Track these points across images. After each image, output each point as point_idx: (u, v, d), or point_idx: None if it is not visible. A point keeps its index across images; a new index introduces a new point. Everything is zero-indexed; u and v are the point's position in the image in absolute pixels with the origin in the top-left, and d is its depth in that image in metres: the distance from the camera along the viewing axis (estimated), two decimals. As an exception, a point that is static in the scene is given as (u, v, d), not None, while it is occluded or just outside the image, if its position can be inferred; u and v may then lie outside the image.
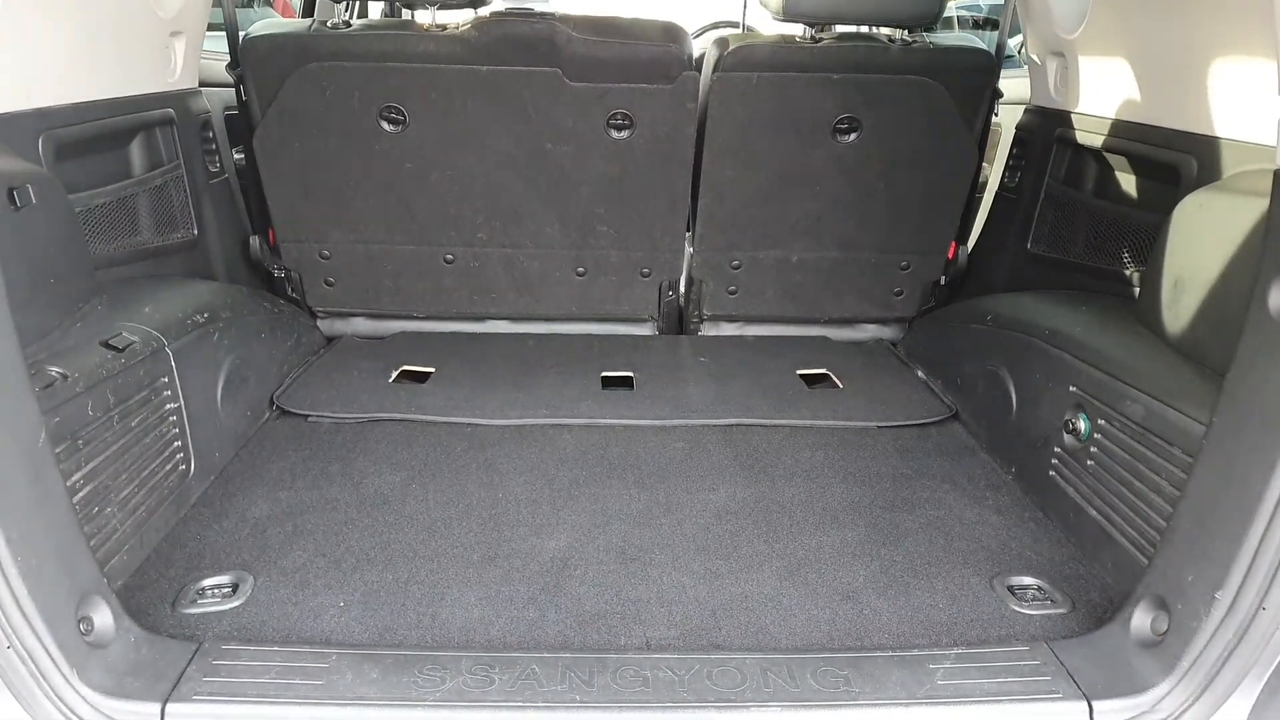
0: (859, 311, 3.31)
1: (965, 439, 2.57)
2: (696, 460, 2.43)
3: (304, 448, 2.45)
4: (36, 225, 1.84)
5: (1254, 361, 1.47)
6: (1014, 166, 3.01)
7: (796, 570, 1.95)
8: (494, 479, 2.30)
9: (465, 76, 2.79)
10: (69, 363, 1.79)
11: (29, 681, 1.41)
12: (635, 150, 2.92)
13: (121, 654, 1.55)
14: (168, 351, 2.12)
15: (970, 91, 2.86)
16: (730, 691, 1.55)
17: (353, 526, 2.08)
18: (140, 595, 1.82)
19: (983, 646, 1.71)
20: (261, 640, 1.70)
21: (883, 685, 1.57)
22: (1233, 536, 1.45)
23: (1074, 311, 2.35)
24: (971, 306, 2.88)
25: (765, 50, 2.83)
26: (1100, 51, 2.47)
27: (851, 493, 2.27)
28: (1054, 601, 1.86)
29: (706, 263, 3.20)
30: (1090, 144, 2.54)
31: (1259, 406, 1.44)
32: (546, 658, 1.61)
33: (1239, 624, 1.44)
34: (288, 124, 2.85)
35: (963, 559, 1.99)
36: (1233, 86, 1.96)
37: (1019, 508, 2.21)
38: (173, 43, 2.62)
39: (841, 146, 2.95)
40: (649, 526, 2.11)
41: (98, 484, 1.81)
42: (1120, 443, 1.94)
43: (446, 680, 1.55)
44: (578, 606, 1.82)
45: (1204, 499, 1.54)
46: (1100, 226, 2.54)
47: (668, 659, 1.63)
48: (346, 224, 3.06)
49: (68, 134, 2.12)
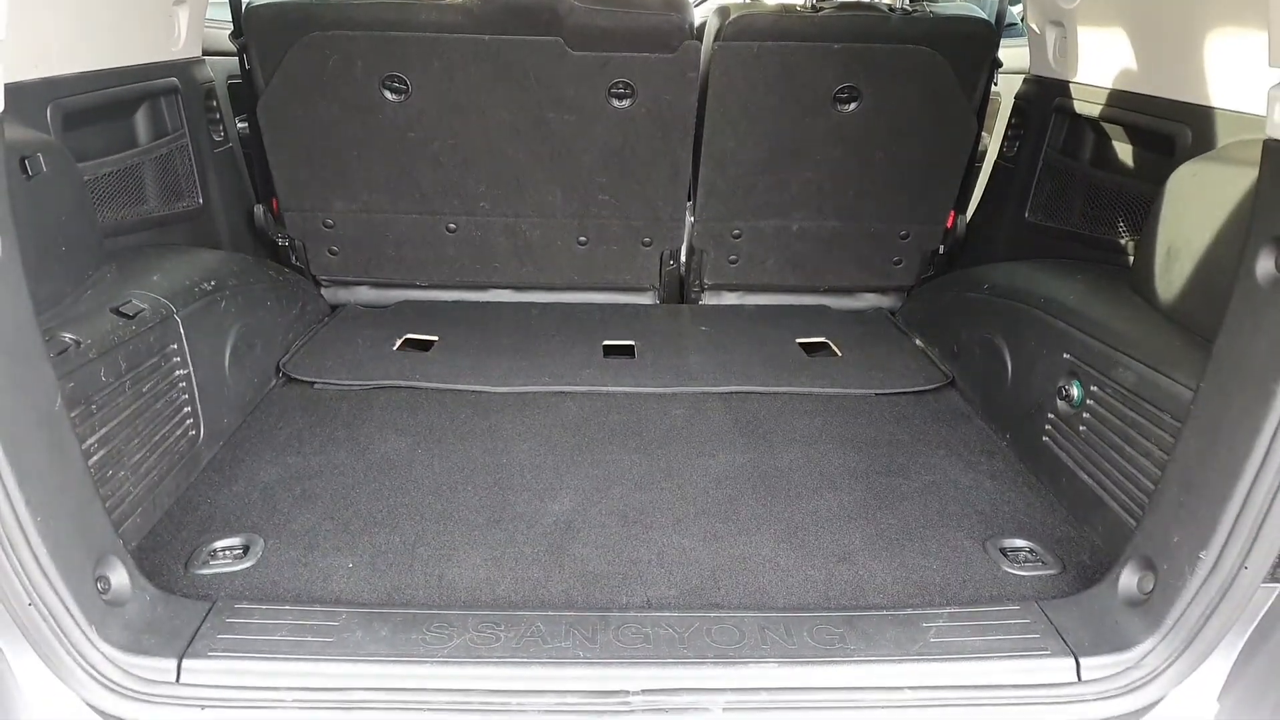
0: (858, 280, 3.34)
1: (961, 406, 2.61)
2: (697, 427, 2.47)
3: (310, 414, 2.49)
4: (47, 194, 1.87)
5: (1240, 328, 1.51)
6: (1013, 136, 3.03)
7: (794, 533, 2.00)
8: (498, 444, 2.34)
9: (467, 46, 2.80)
10: (81, 329, 1.83)
11: (50, 638, 1.45)
12: (636, 119, 2.94)
13: (138, 612, 1.60)
14: (177, 319, 2.16)
15: (970, 61, 2.88)
16: (729, 648, 1.60)
17: (360, 490, 2.13)
18: (154, 556, 1.87)
19: (975, 606, 1.76)
20: (273, 600, 1.75)
21: (876, 642, 1.62)
22: (1217, 498, 1.49)
23: (1069, 280, 2.39)
24: (969, 275, 2.92)
25: (766, 20, 2.84)
26: (1098, 22, 2.48)
27: (848, 458, 2.31)
28: (1045, 563, 1.91)
29: (707, 232, 3.22)
30: (1088, 114, 2.56)
31: (1244, 372, 1.48)
32: (551, 615, 1.66)
33: (1221, 583, 1.49)
34: (291, 93, 2.86)
35: (956, 522, 2.04)
36: (1227, 57, 1.98)
37: (1013, 472, 2.25)
38: (176, 11, 2.63)
39: (842, 116, 2.96)
40: (650, 490, 2.15)
41: (111, 448, 1.85)
42: (1112, 409, 1.98)
43: (454, 637, 1.60)
44: (581, 567, 1.87)
45: (1190, 462, 1.58)
46: (1097, 196, 2.56)
47: (668, 616, 1.68)
48: (350, 193, 3.09)
49: (75, 103, 2.14)
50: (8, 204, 1.41)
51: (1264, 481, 1.43)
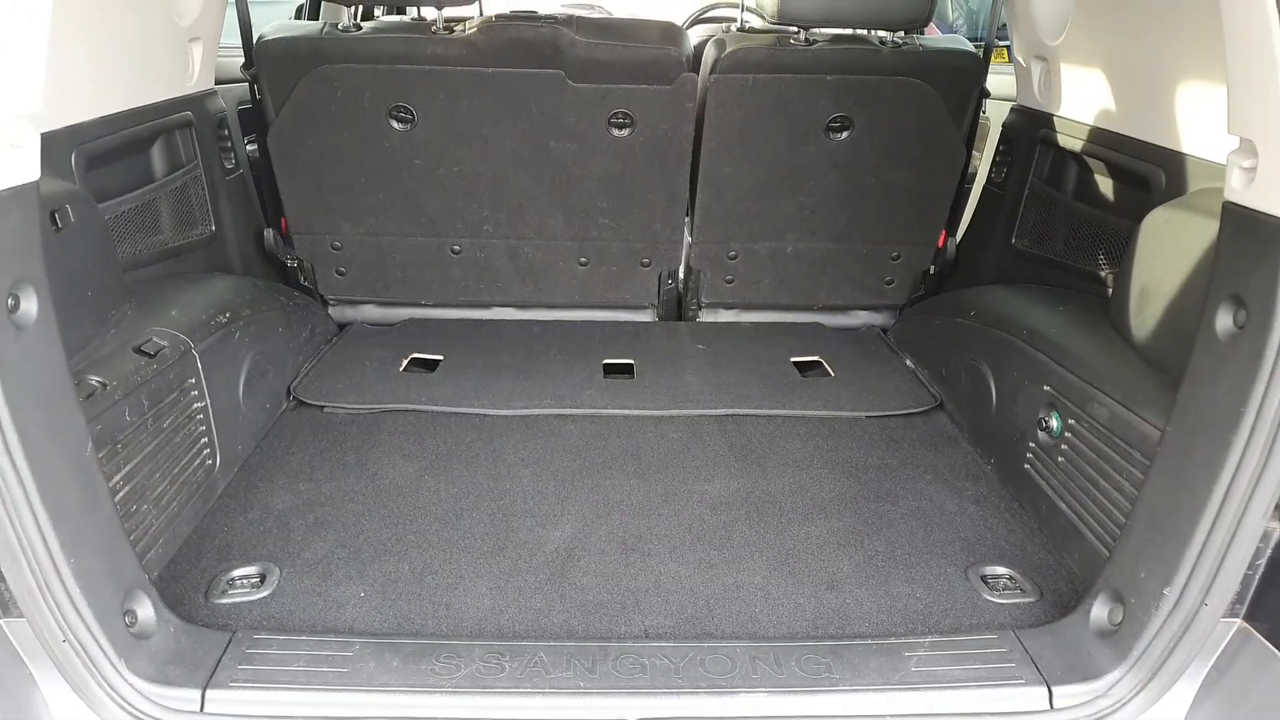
0: (852, 299, 3.42)
1: (949, 429, 2.70)
2: (693, 451, 2.56)
3: (321, 439, 2.58)
4: (74, 242, 1.96)
5: (1202, 379, 1.60)
6: (1000, 163, 3.11)
7: (785, 560, 2.09)
8: (502, 470, 2.43)
9: (471, 78, 2.89)
10: (107, 371, 1.92)
11: (83, 672, 1.54)
12: (635, 148, 3.02)
13: (163, 644, 1.68)
14: (194, 354, 2.25)
15: (958, 92, 2.96)
16: (721, 678, 1.69)
17: (370, 517, 2.22)
18: (175, 586, 1.96)
19: (955, 634, 1.84)
20: (289, 629, 1.85)
21: (861, 672, 1.71)
22: (1181, 537, 1.58)
23: (1051, 311, 2.47)
24: (957, 300, 3.00)
25: (761, 53, 2.92)
26: (1080, 60, 2.56)
27: (839, 483, 2.40)
28: (1024, 591, 2.00)
29: (704, 253, 3.31)
30: (1070, 147, 2.64)
31: (1205, 421, 1.57)
32: (553, 646, 1.75)
33: (1184, 618, 1.58)
34: (301, 122, 2.95)
35: (940, 549, 2.13)
36: (1198, 106, 2.06)
37: (996, 499, 2.34)
38: (191, 48, 2.71)
39: (834, 144, 3.05)
40: (648, 517, 2.24)
41: (134, 484, 1.94)
42: (1088, 442, 2.07)
43: (461, 668, 1.68)
44: (581, 596, 1.96)
45: (1157, 501, 1.67)
46: (1078, 227, 2.65)
47: (664, 647, 1.77)
48: (357, 217, 3.17)
49: (96, 146, 2.22)
50: (43, 266, 1.51)
51: (1222, 524, 1.53)
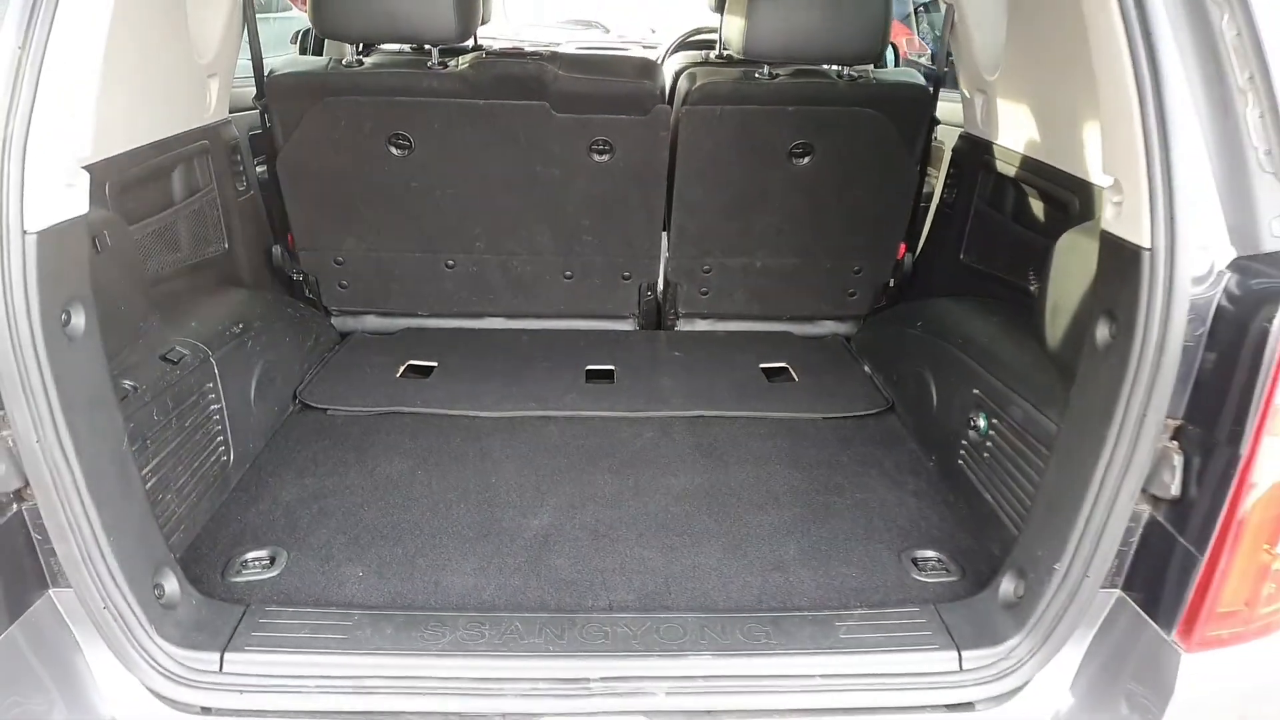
0: (817, 310, 3.68)
1: (898, 429, 2.95)
2: (663, 449, 2.81)
3: (324, 438, 2.83)
4: (111, 264, 2.22)
5: (1086, 382, 1.85)
6: (950, 185, 3.37)
7: (738, 545, 2.33)
8: (488, 466, 2.68)
9: (464, 109, 3.15)
10: (138, 376, 2.18)
11: (120, 635, 1.77)
12: (615, 172, 3.28)
13: (186, 614, 1.91)
14: (212, 361, 2.50)
15: (910, 121, 3.22)
16: (673, 643, 1.91)
17: (368, 507, 2.47)
18: (195, 567, 2.20)
19: (882, 608, 2.09)
20: (296, 603, 2.09)
21: (796, 638, 1.94)
22: (1068, 519, 1.81)
23: (985, 322, 2.72)
24: (909, 311, 3.26)
25: (728, 86, 3.19)
26: (1012, 95, 2.82)
27: (793, 477, 2.65)
28: (948, 571, 2.25)
29: (680, 267, 3.56)
30: (1007, 173, 2.89)
31: (1088, 418, 1.81)
32: (527, 617, 1.99)
33: (1070, 589, 1.81)
34: (307, 149, 3.21)
35: (878, 535, 2.38)
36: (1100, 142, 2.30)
37: (934, 491, 2.59)
38: (209, 83, 2.97)
39: (797, 169, 3.31)
40: (618, 508, 2.49)
41: (160, 475, 2.19)
42: (1007, 439, 2.31)
43: (446, 635, 1.91)
44: (555, 575, 2.20)
45: (1052, 489, 1.91)
46: (1015, 246, 2.89)
47: (625, 618, 2.00)
48: (358, 234, 3.43)
49: (127, 176, 2.47)
50: (89, 284, 1.77)
51: (1100, 506, 1.76)
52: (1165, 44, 1.60)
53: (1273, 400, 1.55)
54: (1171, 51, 1.61)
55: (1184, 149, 1.61)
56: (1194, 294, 1.64)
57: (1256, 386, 1.58)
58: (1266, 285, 1.60)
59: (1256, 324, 1.59)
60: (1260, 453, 1.58)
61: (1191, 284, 1.63)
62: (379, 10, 2.94)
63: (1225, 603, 1.66)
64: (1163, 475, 1.72)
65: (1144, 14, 1.61)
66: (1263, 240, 1.64)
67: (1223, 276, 1.65)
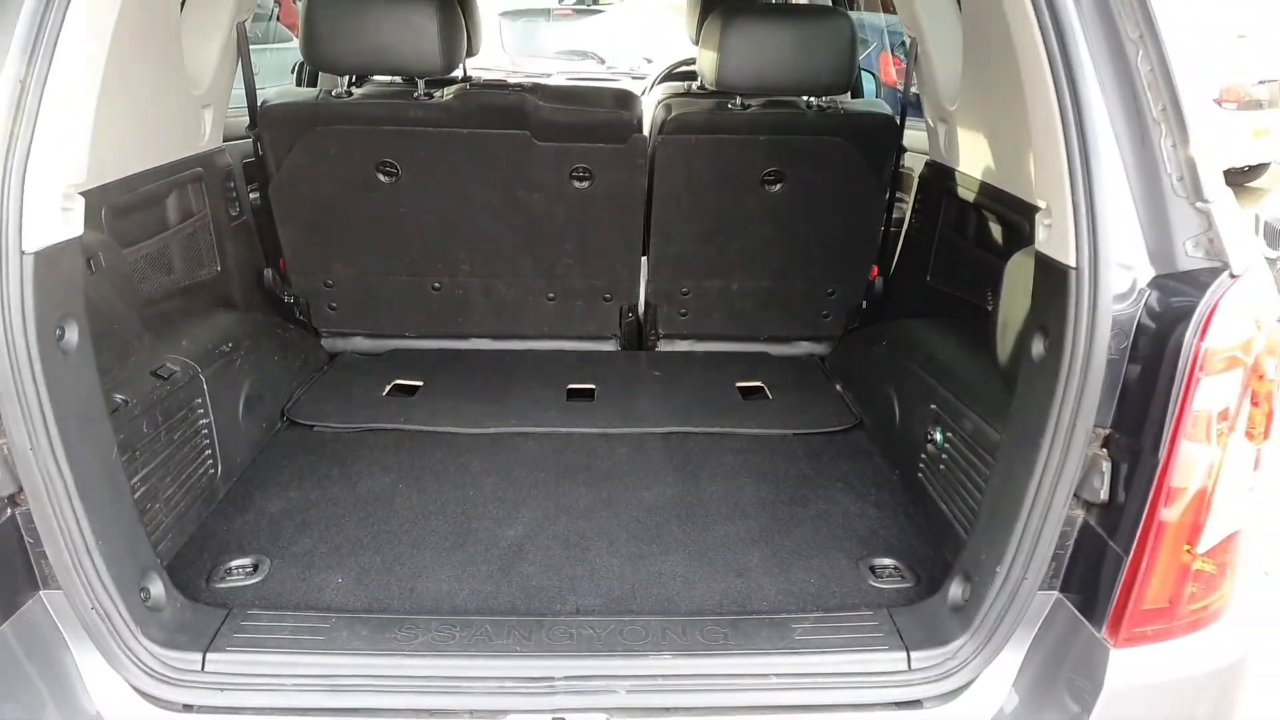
0: (793, 331, 3.79)
1: (865, 444, 3.05)
2: (637, 464, 2.90)
3: (310, 454, 2.93)
4: (104, 283, 2.33)
5: (1024, 394, 1.95)
6: (918, 210, 3.49)
7: (704, 553, 2.43)
8: (466, 480, 2.78)
9: (449, 138, 3.28)
10: (128, 390, 2.29)
11: (107, 636, 1.85)
12: (595, 198, 3.41)
13: (171, 616, 2.00)
14: (201, 378, 2.61)
15: (876, 149, 3.35)
16: (635, 644, 2.00)
17: (349, 519, 2.56)
18: (181, 573, 2.28)
19: (837, 612, 2.19)
20: (277, 607, 2.18)
21: (753, 639, 2.03)
22: (1008, 525, 1.90)
23: (945, 340, 2.83)
24: (877, 331, 3.38)
25: (701, 116, 3.32)
26: (970, 124, 2.95)
27: (761, 490, 2.75)
28: (904, 577, 2.34)
29: (659, 290, 3.68)
30: (967, 198, 3.01)
31: (1025, 428, 1.91)
32: (498, 620, 2.08)
33: (1010, 591, 1.90)
34: (299, 176, 3.34)
35: (838, 544, 2.47)
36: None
37: (895, 503, 2.69)
38: (203, 113, 3.10)
39: (769, 195, 3.44)
40: (591, 519, 2.58)
41: (149, 485, 2.29)
42: (960, 451, 2.42)
43: (419, 636, 2.00)
44: (526, 582, 2.30)
45: (995, 497, 2.02)
46: (975, 267, 3.00)
47: (591, 620, 2.09)
48: (347, 258, 3.56)
49: (122, 201, 2.60)
50: (82, 301, 1.88)
51: (1036, 512, 1.85)
52: (1086, 79, 1.73)
53: (1187, 409, 1.66)
54: (1092, 85, 1.73)
55: (1105, 175, 1.73)
56: (1117, 310, 1.75)
57: (1173, 396, 1.69)
58: (1182, 302, 1.71)
59: (1174, 339, 1.70)
60: (1177, 458, 1.69)
61: (1114, 301, 1.75)
62: (367, 44, 3.08)
63: (1150, 600, 1.76)
64: (1093, 481, 1.83)
65: (1066, 51, 1.73)
66: (1179, 259, 1.76)
67: (1144, 294, 1.77)
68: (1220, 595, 1.82)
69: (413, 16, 3.06)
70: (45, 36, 1.68)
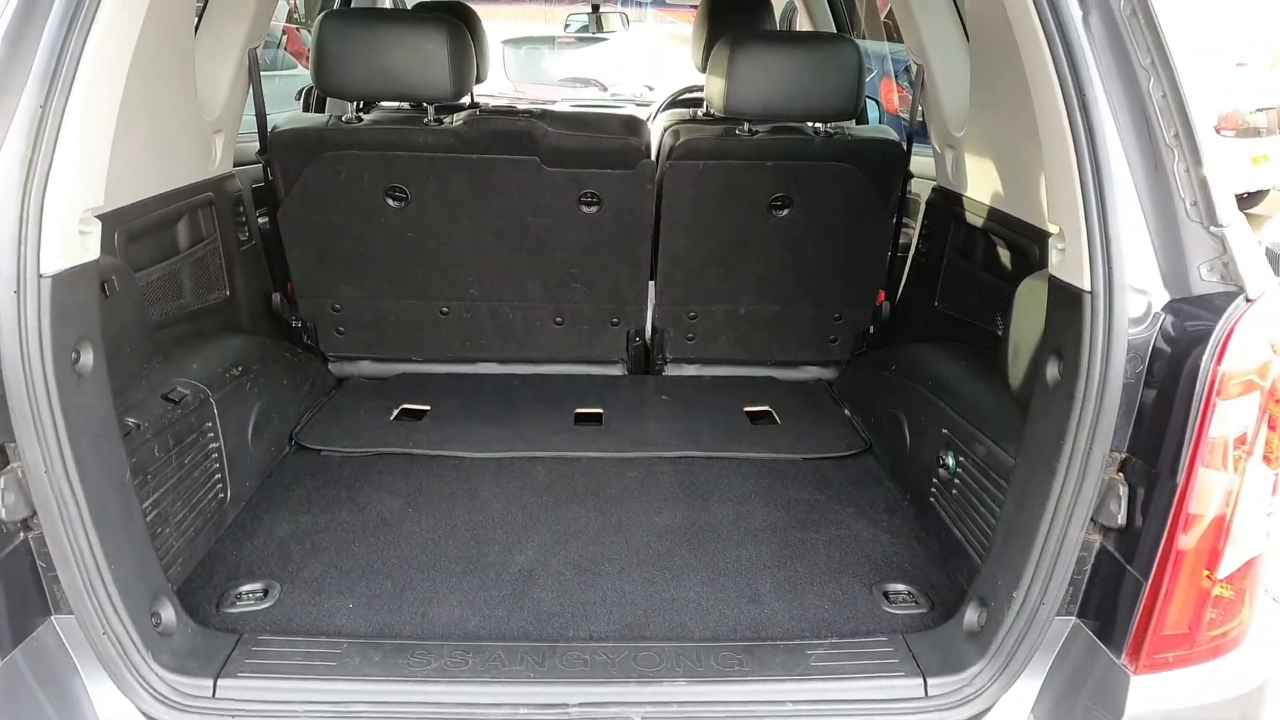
0: (800, 355, 3.80)
1: (875, 469, 3.04)
2: (647, 488, 2.90)
3: (318, 478, 2.93)
4: (118, 308, 2.34)
5: (1038, 418, 1.95)
6: (925, 235, 3.51)
7: (716, 579, 2.42)
8: (476, 504, 2.77)
9: (458, 163, 3.30)
10: (140, 414, 2.28)
11: (117, 661, 1.84)
12: (603, 223, 3.42)
13: (182, 642, 1.99)
14: (212, 401, 2.61)
15: (884, 175, 3.37)
16: (649, 670, 1.99)
17: (359, 544, 2.55)
18: (191, 598, 2.27)
19: (852, 638, 2.17)
20: (288, 632, 2.17)
21: (768, 666, 2.02)
22: (1024, 549, 1.90)
23: (955, 364, 2.83)
24: (885, 356, 3.38)
25: (709, 142, 3.34)
26: (978, 150, 2.97)
27: (772, 515, 2.74)
28: (918, 603, 2.33)
29: (666, 314, 3.69)
30: (975, 223, 3.03)
31: (1041, 452, 1.91)
32: (510, 645, 2.07)
33: (1028, 616, 1.88)
34: (308, 201, 3.35)
35: (851, 570, 2.46)
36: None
37: (908, 529, 2.68)
38: (214, 138, 3.12)
39: (777, 220, 3.45)
40: (601, 544, 2.57)
41: (160, 510, 2.29)
42: (973, 476, 2.41)
43: (432, 663, 1.99)
44: (538, 607, 2.28)
45: (1011, 521, 2.01)
46: (983, 292, 3.02)
47: (604, 646, 2.08)
48: (355, 282, 3.56)
49: (134, 225, 2.61)
50: (99, 325, 1.88)
51: (1053, 536, 1.85)
52: (1098, 105, 1.74)
53: (1204, 434, 1.66)
54: (1104, 111, 1.75)
55: (1119, 199, 1.74)
56: (1132, 334, 1.76)
57: (1190, 421, 1.69)
58: (1198, 326, 1.72)
59: (1190, 363, 1.71)
60: (1195, 483, 1.68)
61: (1130, 325, 1.75)
62: (377, 70, 3.10)
63: (1170, 626, 1.75)
64: (1110, 505, 1.82)
65: (1078, 77, 1.75)
66: (1193, 284, 1.76)
67: (1159, 318, 1.77)
68: (1240, 621, 1.81)
69: (424, 44, 3.08)
70: (66, 62, 1.69)
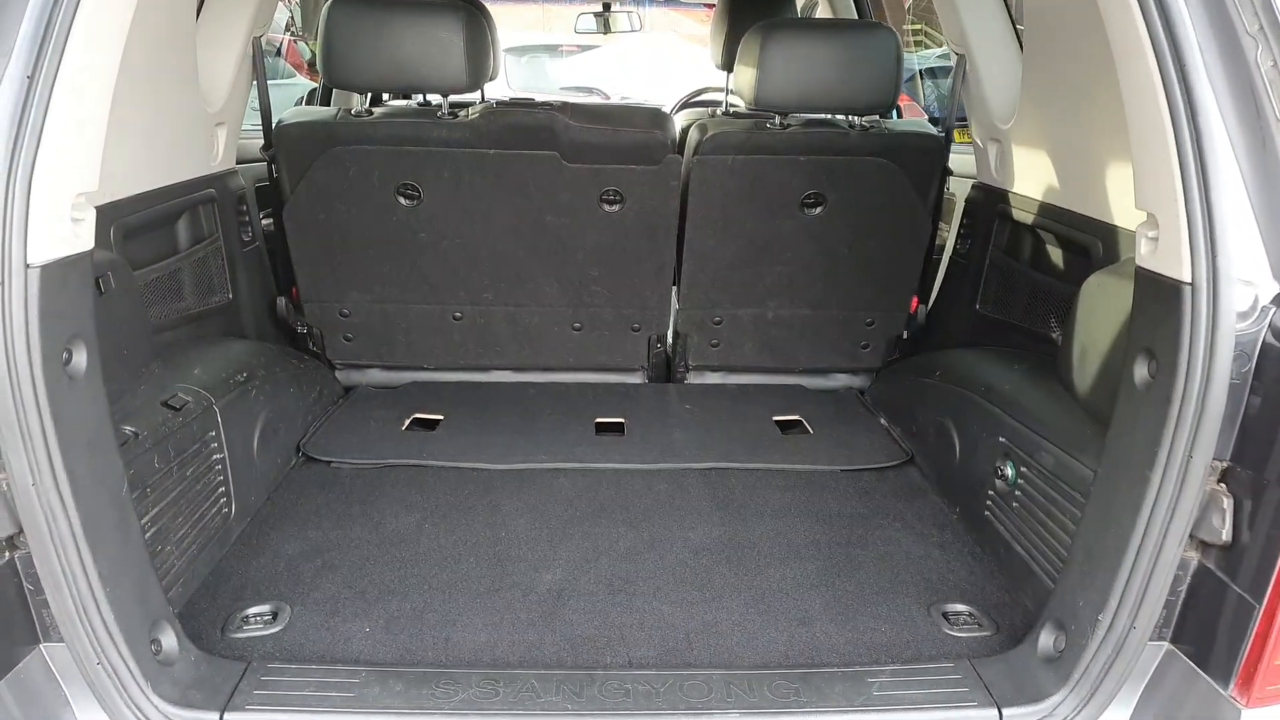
0: (830, 362, 3.62)
1: (918, 481, 2.87)
2: (678, 502, 2.72)
3: (328, 491, 2.75)
4: (113, 306, 2.16)
5: (1124, 423, 1.79)
6: (964, 235, 3.35)
7: (760, 599, 2.24)
8: (498, 519, 2.60)
9: (474, 159, 3.13)
10: (139, 422, 2.11)
11: (113, 693, 1.68)
12: (625, 222, 3.25)
13: (184, 671, 1.82)
14: (215, 409, 2.43)
15: (921, 170, 3.20)
16: (698, 701, 1.83)
17: (374, 562, 2.37)
18: (194, 622, 2.10)
19: (915, 664, 2.00)
20: (300, 660, 1.99)
21: (827, 695, 1.85)
22: (1111, 568, 1.74)
23: (1007, 370, 2.67)
24: (926, 362, 3.20)
25: (739, 136, 3.18)
26: (1028, 143, 2.81)
27: (814, 531, 2.57)
28: (981, 625, 2.16)
29: (690, 319, 3.52)
30: (1023, 220, 2.87)
31: (1128, 461, 1.75)
32: (544, 674, 1.90)
33: (1116, 641, 1.73)
34: (315, 199, 3.18)
35: (905, 589, 2.29)
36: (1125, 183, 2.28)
37: (960, 544, 2.51)
38: (216, 132, 2.96)
39: (808, 218, 3.28)
40: (634, 561, 2.40)
41: (160, 526, 2.11)
42: (1037, 488, 2.24)
43: (459, 693, 1.82)
44: (570, 631, 2.11)
45: (1091, 537, 1.84)
46: (1033, 293, 2.86)
47: (647, 674, 1.91)
48: (364, 286, 3.39)
49: (132, 220, 2.44)
50: (93, 323, 1.71)
51: (1145, 554, 1.69)
52: (1198, 77, 1.58)
53: (1326, 438, 1.49)
54: (1205, 85, 1.59)
55: (1223, 181, 1.57)
56: (1239, 329, 1.59)
57: (1307, 425, 1.52)
58: (1314, 320, 1.55)
59: (1306, 360, 1.54)
60: (1316, 494, 1.51)
61: (1236, 319, 1.59)
62: (391, 60, 2.94)
63: (1285, 654, 1.58)
64: (1212, 520, 1.65)
65: (1177, 49, 1.59)
66: (1307, 274, 1.60)
67: (1268, 311, 1.61)
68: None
69: (438, 31, 2.92)
70: (56, 30, 1.53)
